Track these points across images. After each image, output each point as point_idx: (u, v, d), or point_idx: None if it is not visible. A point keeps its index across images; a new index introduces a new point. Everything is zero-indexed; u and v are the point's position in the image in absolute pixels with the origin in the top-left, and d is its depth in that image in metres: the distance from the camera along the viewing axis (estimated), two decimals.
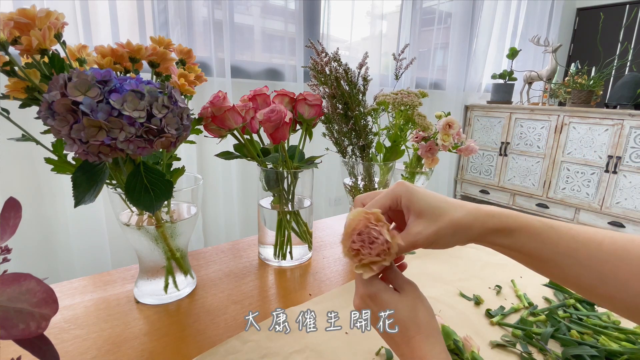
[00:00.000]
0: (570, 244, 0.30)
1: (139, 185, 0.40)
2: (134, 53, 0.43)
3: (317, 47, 0.63)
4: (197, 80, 0.48)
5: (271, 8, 1.68)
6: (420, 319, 0.31)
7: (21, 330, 0.22)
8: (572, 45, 3.08)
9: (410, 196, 0.32)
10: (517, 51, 2.42)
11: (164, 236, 0.48)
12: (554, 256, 0.30)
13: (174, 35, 1.35)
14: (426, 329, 0.31)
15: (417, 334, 0.30)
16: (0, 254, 0.26)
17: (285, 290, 0.55)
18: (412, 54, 2.19)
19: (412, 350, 0.30)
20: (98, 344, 0.42)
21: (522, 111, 2.38)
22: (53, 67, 0.38)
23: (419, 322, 0.31)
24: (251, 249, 0.68)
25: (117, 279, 0.56)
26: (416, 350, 0.30)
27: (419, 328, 0.30)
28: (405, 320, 0.31)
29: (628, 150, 1.98)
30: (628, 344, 0.43)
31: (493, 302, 0.53)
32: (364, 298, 0.32)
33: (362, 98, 0.65)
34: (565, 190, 2.26)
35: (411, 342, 0.30)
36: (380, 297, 0.31)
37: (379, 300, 0.31)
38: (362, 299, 0.33)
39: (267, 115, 0.52)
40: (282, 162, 0.59)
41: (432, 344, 0.30)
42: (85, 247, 1.26)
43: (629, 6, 2.74)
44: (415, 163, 0.78)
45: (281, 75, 1.72)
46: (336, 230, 0.79)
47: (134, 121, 0.34)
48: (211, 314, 0.48)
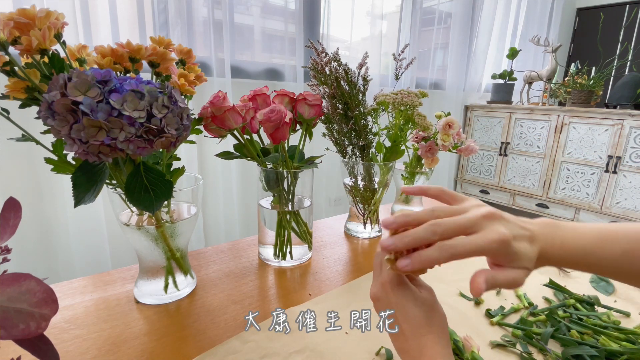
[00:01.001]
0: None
1: (139, 185, 0.40)
2: (134, 53, 0.43)
3: (317, 47, 0.63)
4: (197, 80, 0.48)
5: (271, 8, 1.69)
6: (434, 320, 0.31)
7: (21, 330, 0.22)
8: (572, 45, 3.08)
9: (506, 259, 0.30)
10: (517, 51, 2.42)
11: (164, 236, 0.48)
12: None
13: (174, 35, 1.35)
14: (439, 330, 0.31)
15: (429, 332, 0.30)
16: (0, 254, 0.26)
17: (285, 290, 0.55)
18: (412, 54, 2.19)
19: (422, 347, 0.30)
20: (98, 344, 0.42)
21: (522, 111, 2.38)
22: (53, 67, 0.38)
23: (434, 321, 0.31)
24: (251, 249, 0.68)
25: (117, 279, 0.56)
26: (426, 348, 0.30)
27: (432, 327, 0.31)
28: (420, 317, 0.31)
29: (628, 150, 1.98)
30: (628, 344, 0.43)
31: (493, 302, 0.53)
32: (385, 286, 0.32)
33: (362, 98, 0.65)
34: (565, 190, 2.26)
35: (422, 339, 0.30)
36: (401, 288, 0.32)
37: (400, 291, 0.31)
38: (382, 287, 0.32)
39: (267, 115, 0.52)
40: (282, 162, 0.59)
41: (441, 346, 0.30)
42: (85, 247, 1.26)
43: (629, 6, 2.74)
44: (415, 163, 0.78)
45: (281, 75, 1.72)
46: (336, 230, 0.79)
47: (134, 121, 0.34)
48: (211, 314, 0.48)
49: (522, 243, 0.30)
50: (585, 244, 0.32)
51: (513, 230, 0.30)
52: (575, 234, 0.32)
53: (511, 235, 0.29)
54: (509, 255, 0.29)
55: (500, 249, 0.29)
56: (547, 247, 0.32)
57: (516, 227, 0.31)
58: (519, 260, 0.30)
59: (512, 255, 0.29)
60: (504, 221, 0.30)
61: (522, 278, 0.30)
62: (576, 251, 0.32)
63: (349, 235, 0.76)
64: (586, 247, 0.32)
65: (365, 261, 0.65)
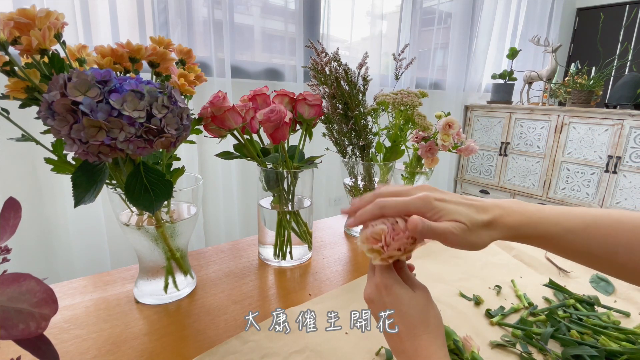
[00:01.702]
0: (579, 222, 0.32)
1: (139, 185, 0.40)
2: (134, 53, 0.43)
3: (317, 47, 0.63)
4: (197, 80, 0.48)
5: (271, 8, 1.68)
6: (430, 319, 0.31)
7: (21, 330, 0.22)
8: (572, 45, 3.08)
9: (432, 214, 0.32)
10: (517, 51, 2.42)
11: (164, 236, 0.48)
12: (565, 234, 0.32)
13: (174, 35, 1.35)
14: (434, 331, 0.31)
15: (424, 332, 0.30)
16: (0, 254, 0.26)
17: (285, 290, 0.55)
18: (412, 54, 2.19)
19: (417, 348, 0.30)
20: (98, 344, 0.42)
21: (522, 111, 2.38)
22: (53, 67, 0.38)
23: (429, 322, 0.31)
24: (251, 249, 0.68)
25: (117, 279, 0.56)
26: (422, 348, 0.30)
27: (427, 327, 0.31)
28: (415, 317, 0.31)
29: (628, 150, 1.98)
30: (628, 344, 0.43)
31: (493, 302, 0.53)
32: (379, 287, 0.32)
33: (362, 98, 0.65)
34: (565, 190, 2.26)
35: (417, 340, 0.30)
36: (395, 289, 0.32)
37: (393, 292, 0.32)
38: (377, 288, 0.33)
39: (267, 115, 0.52)
40: (282, 162, 0.59)
41: (438, 346, 0.30)
42: (85, 247, 1.26)
43: (629, 6, 2.74)
44: (415, 163, 0.78)
45: (281, 75, 1.72)
46: (336, 230, 0.79)
47: (133, 121, 0.34)
48: (211, 314, 0.48)
49: (452, 205, 0.33)
50: (546, 215, 0.33)
51: (442, 195, 0.33)
52: (537, 208, 0.34)
53: (434, 196, 0.33)
54: (434, 209, 0.32)
55: (423, 205, 0.32)
56: (504, 214, 0.33)
57: (451, 195, 0.34)
58: (448, 214, 0.32)
59: (437, 209, 0.32)
60: (437, 191, 0.34)
61: (457, 229, 0.31)
62: (537, 221, 0.32)
63: (349, 235, 0.76)
64: (548, 218, 0.32)
65: (365, 261, 0.65)
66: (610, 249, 0.31)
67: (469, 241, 0.31)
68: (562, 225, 0.32)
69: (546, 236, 0.32)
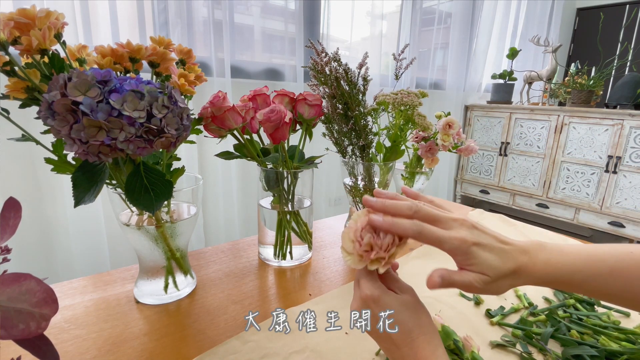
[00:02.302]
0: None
1: (139, 185, 0.40)
2: (134, 53, 0.43)
3: (317, 47, 0.63)
4: (197, 80, 0.48)
5: (271, 8, 1.68)
6: (422, 320, 0.31)
7: (21, 330, 0.22)
8: (572, 45, 3.07)
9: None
10: (517, 51, 2.42)
11: (164, 236, 0.48)
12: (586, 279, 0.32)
13: (174, 35, 1.35)
14: (429, 331, 0.31)
15: (420, 334, 0.30)
16: (0, 254, 0.26)
17: (285, 290, 0.55)
18: (412, 54, 2.19)
19: (415, 351, 0.30)
20: (98, 344, 0.42)
21: (522, 111, 2.38)
22: (53, 67, 0.38)
23: (422, 323, 0.31)
24: (251, 249, 0.68)
25: (117, 279, 0.56)
26: (420, 350, 0.30)
27: (421, 329, 0.31)
28: (408, 322, 0.31)
29: (628, 150, 1.98)
30: (628, 344, 0.43)
31: (493, 302, 0.53)
32: (367, 300, 0.32)
33: (362, 98, 0.65)
34: (565, 190, 2.26)
35: (414, 343, 0.30)
36: (382, 299, 0.31)
37: (382, 303, 0.31)
38: (364, 301, 0.32)
39: (267, 115, 0.52)
40: (282, 162, 0.59)
41: (435, 345, 0.30)
42: (85, 247, 1.26)
43: (629, 6, 2.73)
44: (415, 163, 0.78)
45: (281, 75, 1.72)
46: (336, 230, 0.79)
47: (134, 121, 0.34)
48: (211, 314, 0.48)
49: (485, 252, 0.31)
50: (571, 262, 0.32)
51: (479, 237, 0.32)
52: (561, 254, 0.33)
53: (473, 240, 0.31)
54: (467, 255, 0.31)
55: (459, 247, 0.31)
56: (529, 264, 0.32)
57: (487, 236, 0.32)
58: (478, 264, 0.31)
59: (469, 256, 0.31)
60: (475, 230, 0.32)
61: (479, 283, 0.31)
62: (561, 269, 0.32)
63: None
64: (572, 266, 0.32)
65: None
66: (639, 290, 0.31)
67: (487, 291, 0.32)
68: (585, 273, 0.32)
69: (571, 284, 0.33)
